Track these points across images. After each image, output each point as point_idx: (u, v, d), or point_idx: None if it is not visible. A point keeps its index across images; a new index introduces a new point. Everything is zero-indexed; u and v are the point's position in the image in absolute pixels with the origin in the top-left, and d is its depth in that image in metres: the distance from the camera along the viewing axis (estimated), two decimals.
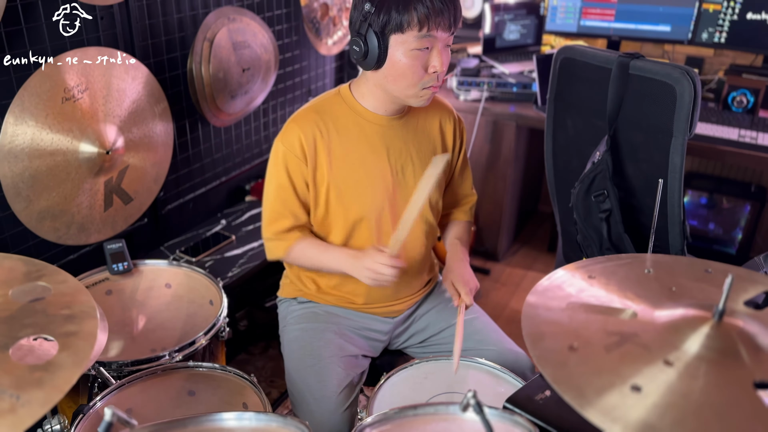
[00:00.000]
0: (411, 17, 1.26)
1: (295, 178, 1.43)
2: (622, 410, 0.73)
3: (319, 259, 1.47)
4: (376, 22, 1.29)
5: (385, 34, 1.30)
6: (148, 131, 1.82)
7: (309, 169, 1.43)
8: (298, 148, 1.41)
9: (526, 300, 0.95)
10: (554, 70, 1.82)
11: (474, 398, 0.82)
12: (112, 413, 0.76)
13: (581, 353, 0.82)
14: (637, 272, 1.01)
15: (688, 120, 1.53)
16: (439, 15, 1.27)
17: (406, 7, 1.26)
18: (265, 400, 1.32)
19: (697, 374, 0.77)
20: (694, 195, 2.99)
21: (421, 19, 1.26)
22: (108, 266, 1.71)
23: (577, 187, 1.74)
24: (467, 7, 3.06)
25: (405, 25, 1.27)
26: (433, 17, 1.26)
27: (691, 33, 2.71)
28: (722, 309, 0.82)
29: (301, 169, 1.42)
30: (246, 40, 2.06)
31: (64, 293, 0.96)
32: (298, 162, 1.42)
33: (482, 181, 2.86)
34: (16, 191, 1.53)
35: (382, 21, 1.28)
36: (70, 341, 0.86)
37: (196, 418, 1.01)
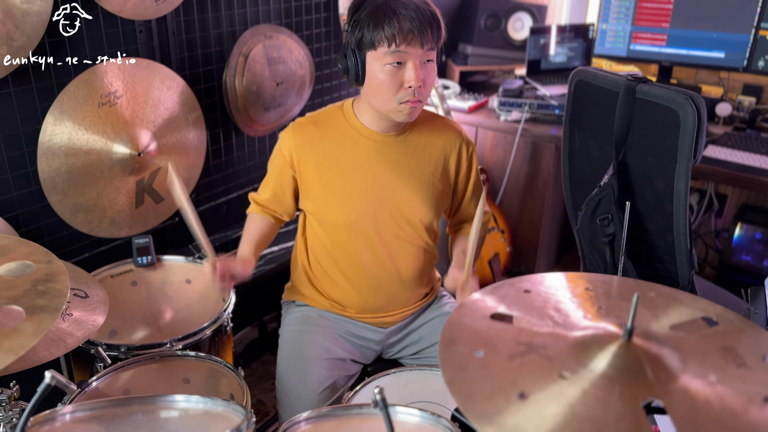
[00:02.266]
0: (380, 35, 1.33)
1: (280, 176, 1.60)
2: (501, 415, 0.75)
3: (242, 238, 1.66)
4: (352, 40, 1.38)
5: (361, 50, 1.38)
6: (181, 137, 1.97)
7: (297, 176, 1.56)
8: (288, 155, 1.54)
9: (456, 307, 0.98)
10: (569, 93, 1.83)
11: (380, 394, 0.86)
12: (51, 376, 0.86)
13: (485, 359, 0.84)
14: (578, 289, 1.02)
15: (692, 146, 1.50)
16: (408, 33, 1.33)
17: (375, 26, 1.33)
18: (246, 392, 1.40)
19: (590, 389, 0.78)
20: (748, 229, 2.85)
21: (389, 36, 1.33)
22: (133, 259, 1.85)
23: (583, 210, 1.73)
24: (516, 30, 3.08)
25: (376, 43, 1.35)
26: (400, 34, 1.33)
27: (747, 60, 2.61)
28: (630, 328, 0.83)
29: (287, 172, 1.57)
30: (281, 56, 2.18)
31: (46, 272, 1.07)
32: (286, 166, 1.56)
33: (520, 202, 2.85)
34: (52, 185, 1.69)
35: (357, 38, 1.37)
36: (36, 313, 0.97)
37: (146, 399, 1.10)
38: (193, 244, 2.16)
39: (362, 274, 1.58)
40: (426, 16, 1.34)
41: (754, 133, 2.58)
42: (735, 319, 0.95)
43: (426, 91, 1.41)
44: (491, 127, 2.81)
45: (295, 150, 1.53)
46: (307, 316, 1.65)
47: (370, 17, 1.34)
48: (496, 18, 3.06)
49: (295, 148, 1.52)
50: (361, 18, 1.35)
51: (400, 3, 1.33)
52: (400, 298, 1.63)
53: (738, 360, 0.85)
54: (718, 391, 0.79)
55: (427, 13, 1.35)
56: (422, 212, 1.55)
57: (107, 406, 1.04)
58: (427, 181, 1.55)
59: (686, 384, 0.79)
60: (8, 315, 0.96)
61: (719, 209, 3.01)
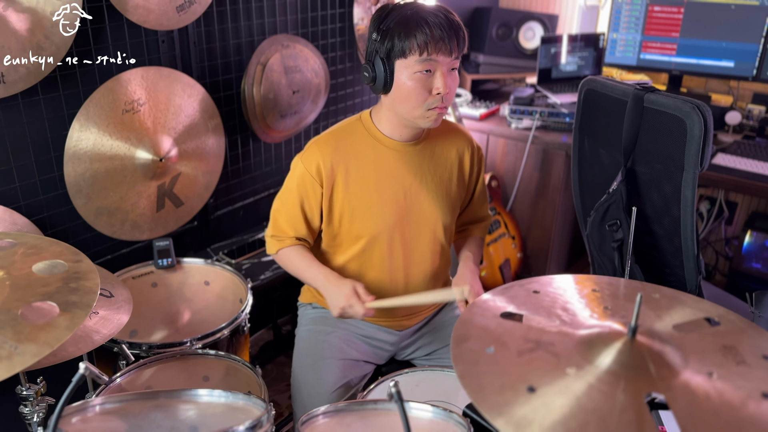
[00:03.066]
0: (411, 43, 1.37)
1: (306, 197, 1.54)
2: (511, 407, 0.79)
3: (302, 271, 1.58)
4: (381, 49, 1.41)
5: (390, 59, 1.41)
6: (201, 143, 2.03)
7: (324, 191, 1.53)
8: (315, 171, 1.51)
9: (468, 306, 1.02)
10: (579, 101, 1.87)
11: (395, 388, 0.91)
12: (85, 367, 0.91)
13: (495, 355, 0.89)
14: (585, 291, 1.06)
15: (699, 154, 1.53)
16: (438, 41, 1.37)
17: (407, 35, 1.37)
18: (264, 388, 1.45)
19: (595, 384, 0.82)
20: (758, 237, 2.87)
21: (421, 44, 1.37)
22: (154, 261, 1.91)
23: (592, 216, 1.77)
24: (527, 39, 3.13)
25: (407, 51, 1.38)
26: (432, 43, 1.37)
27: (756, 69, 2.64)
28: (634, 326, 0.87)
29: (314, 190, 1.53)
30: (297, 65, 2.24)
31: (76, 270, 1.13)
32: (313, 183, 1.52)
33: (531, 208, 2.89)
34: (77, 189, 1.75)
35: (387, 48, 1.40)
36: (69, 309, 1.02)
37: (171, 393, 1.15)
38: (212, 248, 2.21)
39: (383, 280, 1.61)
40: (453, 26, 1.39)
41: (763, 141, 2.61)
42: (736, 320, 0.99)
43: (451, 97, 1.45)
44: (502, 134, 2.86)
45: (323, 164, 1.51)
46: (323, 317, 1.70)
47: (400, 27, 1.38)
48: (507, 27, 3.10)
49: (323, 162, 1.51)
50: (390, 27, 1.39)
51: (428, 13, 1.38)
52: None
53: (738, 358, 0.88)
54: (717, 386, 0.82)
55: (454, 22, 1.39)
56: (443, 215, 1.59)
57: (135, 399, 1.09)
58: (446, 186, 1.59)
59: (687, 379, 0.83)
60: (43, 310, 1.01)
61: (729, 217, 3.03)
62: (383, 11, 1.44)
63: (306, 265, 1.57)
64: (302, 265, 1.57)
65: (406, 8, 1.41)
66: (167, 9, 1.80)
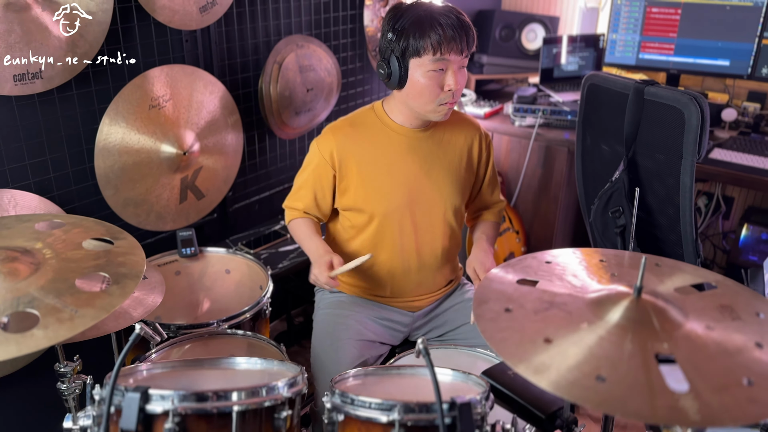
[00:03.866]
0: (426, 43, 1.47)
1: (318, 179, 1.68)
2: (529, 354, 0.88)
3: (302, 240, 1.73)
4: (397, 48, 1.51)
5: (405, 58, 1.52)
6: (221, 138, 2.12)
7: (337, 174, 1.66)
8: (328, 156, 1.65)
9: (487, 274, 1.11)
10: (582, 96, 1.97)
11: (423, 344, 1.00)
12: (140, 327, 1.00)
13: (513, 314, 0.98)
14: (593, 261, 1.16)
15: (696, 142, 1.63)
16: (451, 41, 1.47)
17: (422, 35, 1.47)
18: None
19: (606, 336, 0.91)
20: (755, 230, 2.96)
21: (434, 45, 1.47)
22: (178, 250, 2.00)
23: (596, 203, 1.87)
24: (530, 40, 3.23)
25: (421, 51, 1.48)
26: (445, 43, 1.47)
27: (751, 68, 2.74)
28: (639, 286, 0.96)
29: (327, 173, 1.67)
30: (311, 64, 2.34)
31: (124, 246, 1.22)
32: (326, 167, 1.66)
33: (534, 203, 2.99)
34: (106, 180, 1.84)
35: (402, 47, 1.50)
36: (120, 279, 1.11)
37: (213, 360, 1.24)
38: (230, 239, 2.31)
39: (395, 261, 1.72)
40: (464, 26, 1.49)
41: (758, 137, 2.71)
42: (732, 284, 1.08)
43: (460, 92, 1.56)
44: (506, 132, 2.95)
45: (336, 150, 1.64)
46: (340, 301, 1.79)
47: (414, 27, 1.48)
48: (510, 29, 3.21)
49: (336, 148, 1.64)
50: (404, 27, 1.49)
51: (440, 14, 1.48)
52: (428, 283, 1.77)
53: (734, 315, 0.98)
54: (715, 337, 0.92)
55: (464, 23, 1.50)
56: (453, 198, 1.70)
57: (180, 365, 1.18)
58: (455, 170, 1.69)
59: (688, 332, 0.93)
60: (98, 280, 1.10)
61: (726, 211, 3.13)
62: (397, 11, 1.54)
63: (307, 235, 1.71)
64: (304, 235, 1.72)
65: (419, 8, 1.51)
66: (191, 10, 1.90)
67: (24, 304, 1.02)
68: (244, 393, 1.01)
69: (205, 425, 0.99)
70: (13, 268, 1.10)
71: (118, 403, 0.98)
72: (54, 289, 1.06)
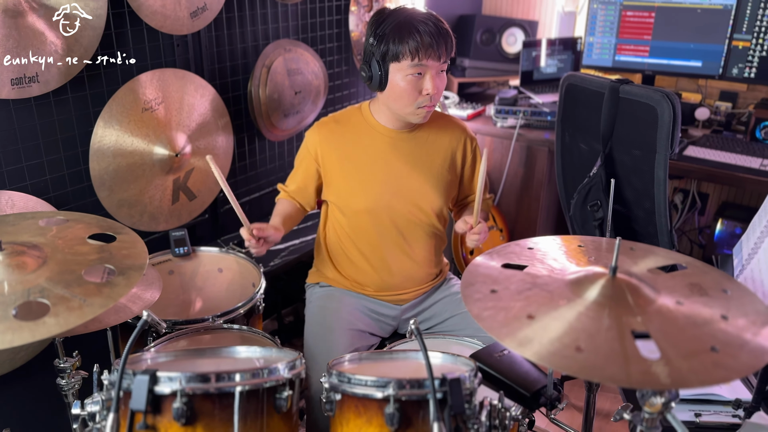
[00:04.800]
0: (405, 49, 1.55)
1: (306, 169, 1.82)
2: (514, 329, 0.95)
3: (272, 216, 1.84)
4: (378, 52, 1.59)
5: (385, 62, 1.59)
6: (212, 140, 2.18)
7: (320, 167, 1.78)
8: (312, 149, 1.76)
9: (473, 260, 1.18)
10: (561, 96, 2.05)
11: (414, 325, 1.06)
12: (147, 314, 1.05)
13: (498, 294, 1.05)
14: (572, 246, 1.23)
15: (669, 137, 1.72)
16: (428, 48, 1.55)
17: (401, 41, 1.55)
18: None
19: (584, 311, 0.98)
20: (729, 225, 3.06)
21: (413, 51, 1.54)
22: (171, 249, 2.04)
23: (575, 198, 1.95)
24: (510, 44, 3.32)
25: (400, 56, 1.56)
26: (423, 50, 1.54)
27: (722, 68, 2.85)
28: (614, 266, 1.04)
29: (311, 165, 1.80)
30: (299, 68, 2.40)
31: (126, 240, 1.28)
32: (311, 159, 1.78)
33: (517, 202, 3.07)
34: (101, 182, 1.89)
35: (383, 51, 1.58)
36: (125, 270, 1.17)
37: (215, 349, 1.30)
38: (222, 239, 2.36)
39: (380, 256, 1.79)
40: (442, 33, 1.57)
41: (730, 134, 2.82)
42: (701, 265, 1.16)
43: (439, 96, 1.63)
44: (489, 132, 3.04)
45: (319, 145, 1.74)
46: (330, 294, 1.85)
47: (394, 33, 1.55)
48: (491, 33, 3.30)
49: (320, 143, 1.74)
50: (385, 33, 1.56)
51: (420, 21, 1.56)
52: (413, 277, 1.83)
53: (701, 291, 1.06)
54: (684, 311, 0.99)
55: (443, 29, 1.58)
56: (433, 199, 1.76)
57: (184, 354, 1.24)
58: (437, 172, 1.76)
59: (659, 307, 1.00)
60: (104, 272, 1.16)
61: (702, 207, 3.24)
62: (380, 16, 1.61)
63: (275, 213, 1.85)
64: (274, 212, 1.86)
65: (401, 15, 1.59)
66: (182, 15, 1.96)
67: (35, 294, 1.07)
68: (248, 374, 1.07)
69: (210, 405, 1.04)
70: (21, 261, 1.15)
71: (127, 386, 1.03)
72: (62, 281, 1.11)
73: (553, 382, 1.26)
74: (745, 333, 0.94)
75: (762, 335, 0.94)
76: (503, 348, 1.36)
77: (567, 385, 2.49)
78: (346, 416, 1.12)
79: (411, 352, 1.33)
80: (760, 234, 1.44)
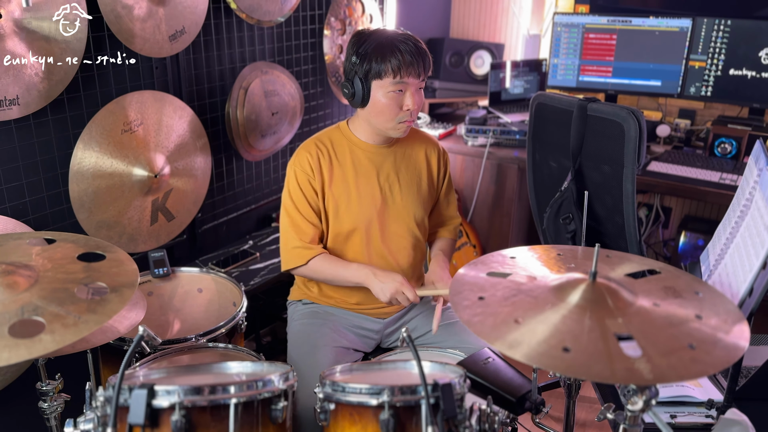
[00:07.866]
0: (387, 67, 1.61)
1: (306, 191, 1.75)
2: (503, 333, 1.00)
3: (341, 271, 1.75)
4: (360, 71, 1.65)
5: (367, 79, 1.65)
6: (190, 161, 2.19)
7: (317, 182, 1.74)
8: (308, 167, 1.75)
9: (459, 270, 1.23)
10: (531, 114, 2.13)
11: (406, 332, 1.10)
12: (144, 329, 1.07)
13: (486, 301, 1.09)
14: (552, 255, 1.29)
15: (635, 152, 1.80)
16: (409, 66, 1.61)
17: (383, 60, 1.61)
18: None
19: (567, 314, 1.04)
20: (692, 237, 3.19)
21: (395, 69, 1.61)
22: (150, 270, 2.04)
23: (547, 212, 2.02)
24: (478, 66, 3.42)
25: (382, 74, 1.62)
26: (404, 68, 1.61)
27: (680, 87, 2.99)
28: (594, 271, 1.09)
29: (311, 182, 1.75)
30: (276, 89, 2.44)
31: (115, 258, 1.29)
32: (307, 177, 1.74)
33: (489, 218, 3.14)
34: (80, 203, 1.89)
35: (365, 69, 1.64)
36: (118, 288, 1.18)
37: (207, 365, 1.32)
38: (201, 259, 2.36)
39: None
40: (421, 52, 1.64)
41: (690, 150, 2.95)
42: (674, 270, 1.23)
43: (418, 111, 1.70)
44: (460, 151, 3.11)
45: (312, 163, 1.75)
46: (313, 311, 1.88)
47: (376, 52, 1.61)
48: (459, 56, 3.39)
49: (312, 162, 1.75)
50: (367, 52, 1.62)
51: (400, 41, 1.62)
52: None
53: (676, 294, 1.12)
54: (661, 312, 1.05)
55: (422, 49, 1.65)
56: (415, 210, 1.82)
57: (175, 371, 1.25)
58: (416, 183, 1.82)
59: (638, 308, 1.06)
60: (98, 290, 1.17)
61: (665, 221, 3.36)
62: (361, 36, 1.67)
63: (343, 265, 1.75)
64: (339, 266, 1.75)
65: (381, 35, 1.65)
66: (161, 38, 1.98)
67: (29, 313, 1.08)
68: (243, 386, 1.09)
69: (207, 417, 1.06)
70: (12, 280, 1.15)
71: (123, 402, 1.04)
72: (56, 299, 1.12)
73: (537, 386, 1.31)
74: (718, 331, 1.01)
75: (734, 333, 1.00)
76: (488, 356, 1.41)
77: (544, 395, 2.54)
78: (341, 425, 1.15)
79: (400, 362, 1.36)
80: (725, 241, 1.52)
